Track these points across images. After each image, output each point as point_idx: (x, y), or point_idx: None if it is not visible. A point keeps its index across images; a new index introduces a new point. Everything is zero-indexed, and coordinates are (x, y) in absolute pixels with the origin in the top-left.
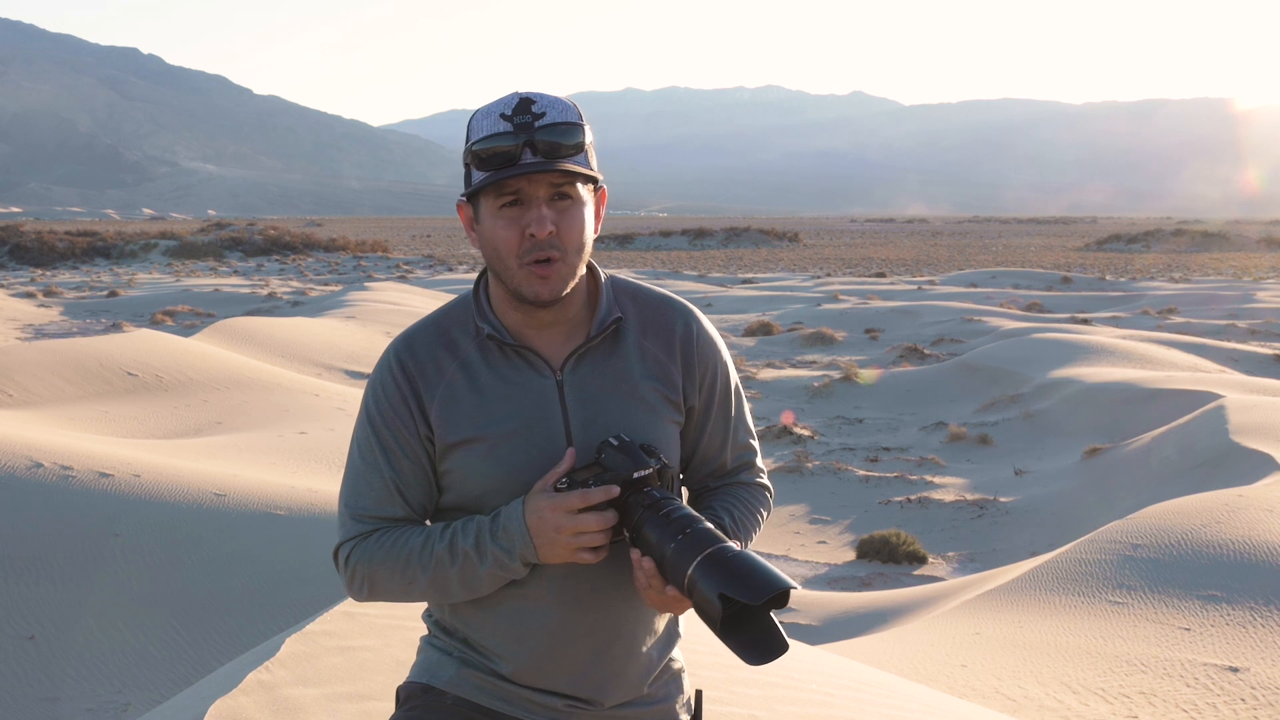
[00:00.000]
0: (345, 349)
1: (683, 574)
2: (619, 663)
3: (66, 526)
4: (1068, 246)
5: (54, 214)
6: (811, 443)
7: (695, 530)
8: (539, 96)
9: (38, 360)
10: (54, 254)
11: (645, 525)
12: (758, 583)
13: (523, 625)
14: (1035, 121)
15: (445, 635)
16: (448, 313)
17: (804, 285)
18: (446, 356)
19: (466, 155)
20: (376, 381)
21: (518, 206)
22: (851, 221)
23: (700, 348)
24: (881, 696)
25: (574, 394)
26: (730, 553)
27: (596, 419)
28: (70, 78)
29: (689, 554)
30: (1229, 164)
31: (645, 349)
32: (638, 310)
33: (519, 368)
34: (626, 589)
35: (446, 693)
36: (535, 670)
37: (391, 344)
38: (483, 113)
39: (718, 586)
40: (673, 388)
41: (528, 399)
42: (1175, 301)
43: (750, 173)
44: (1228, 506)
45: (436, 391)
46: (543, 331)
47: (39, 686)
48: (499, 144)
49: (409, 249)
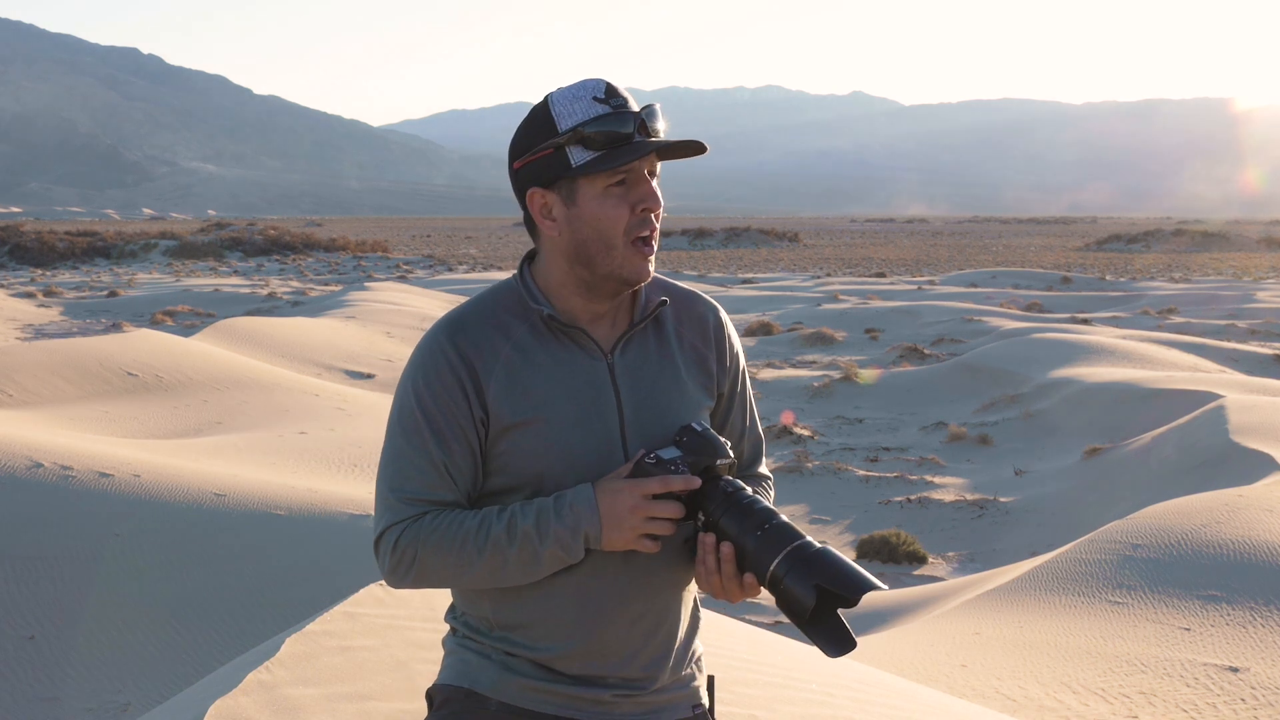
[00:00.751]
0: (345, 349)
1: (766, 566)
2: (665, 646)
3: (66, 526)
4: (1068, 246)
5: (54, 214)
6: (811, 443)
7: (777, 524)
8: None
9: (38, 360)
10: (54, 254)
11: (724, 516)
12: (856, 579)
13: (578, 609)
14: (1035, 121)
15: (482, 636)
16: (494, 297)
17: (804, 285)
18: (499, 337)
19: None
20: (426, 363)
21: (623, 185)
22: (851, 221)
23: (729, 337)
24: (881, 696)
25: (625, 377)
26: (814, 548)
27: (646, 402)
28: (70, 78)
29: (774, 547)
30: (1229, 164)
31: (684, 336)
32: (673, 301)
33: (571, 350)
34: (674, 574)
35: (489, 698)
36: (588, 654)
37: (438, 326)
38: (569, 98)
39: (814, 578)
40: (708, 375)
41: (582, 380)
42: (1175, 301)
43: (750, 173)
44: (1228, 506)
45: (493, 372)
46: (594, 318)
47: (39, 686)
48: (614, 126)
49: (409, 249)
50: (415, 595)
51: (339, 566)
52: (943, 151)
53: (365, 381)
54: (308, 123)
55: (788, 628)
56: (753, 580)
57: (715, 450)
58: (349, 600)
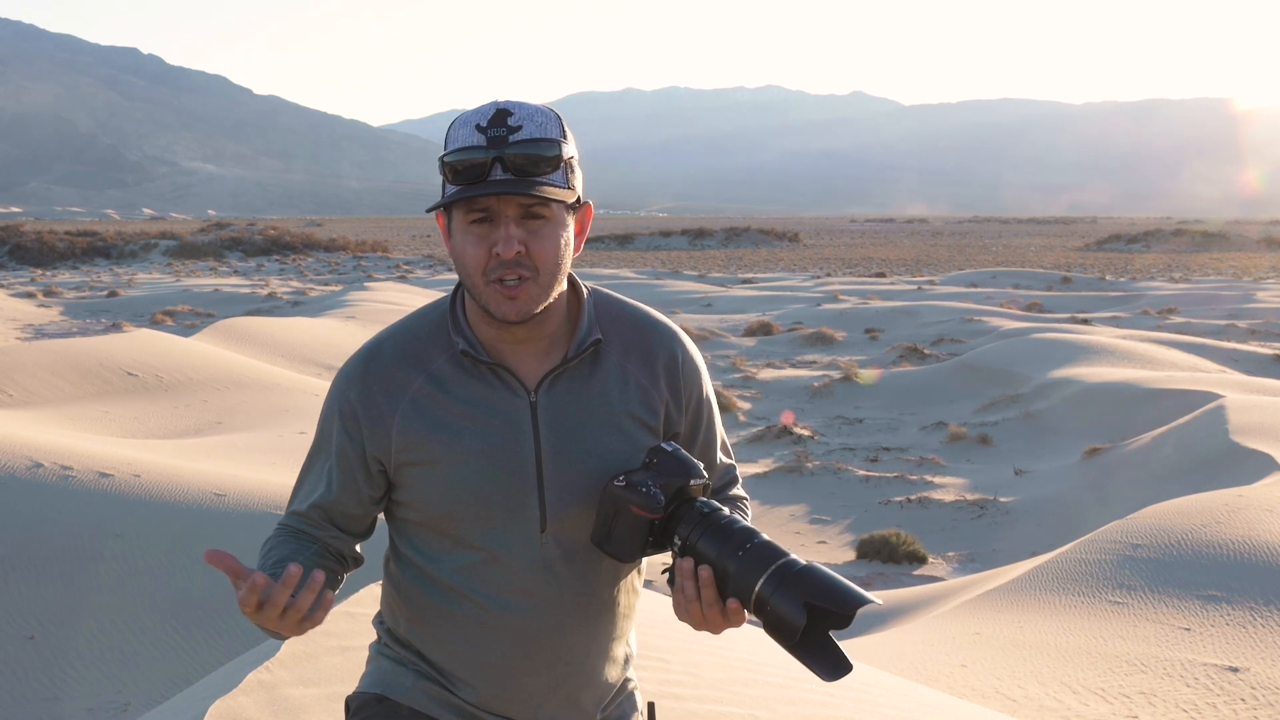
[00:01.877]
0: (345, 349)
1: (750, 588)
2: (576, 692)
3: (66, 526)
4: (1068, 246)
5: (54, 214)
6: (811, 443)
7: (759, 543)
8: (518, 107)
9: (38, 360)
10: (54, 254)
11: (701, 538)
12: (848, 594)
13: (480, 652)
14: (1035, 121)
15: (400, 646)
16: (422, 321)
17: (804, 285)
18: (413, 371)
19: (440, 165)
20: (332, 397)
21: (487, 224)
22: (851, 221)
23: (685, 373)
24: (881, 696)
25: (547, 416)
26: (800, 565)
27: (569, 443)
28: (70, 78)
29: (757, 567)
30: (1229, 164)
31: (628, 372)
32: (621, 331)
33: (492, 386)
34: (590, 621)
35: (402, 705)
36: (491, 698)
37: (357, 354)
38: (460, 121)
39: (804, 596)
40: (653, 413)
41: (498, 419)
42: (1175, 301)
43: (750, 173)
44: (1228, 506)
45: (399, 408)
46: (519, 348)
47: (39, 686)
48: (469, 157)
49: (409, 249)
50: None
51: None
52: (943, 151)
53: None
54: (308, 123)
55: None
56: (736, 606)
57: (687, 471)
58: (349, 600)
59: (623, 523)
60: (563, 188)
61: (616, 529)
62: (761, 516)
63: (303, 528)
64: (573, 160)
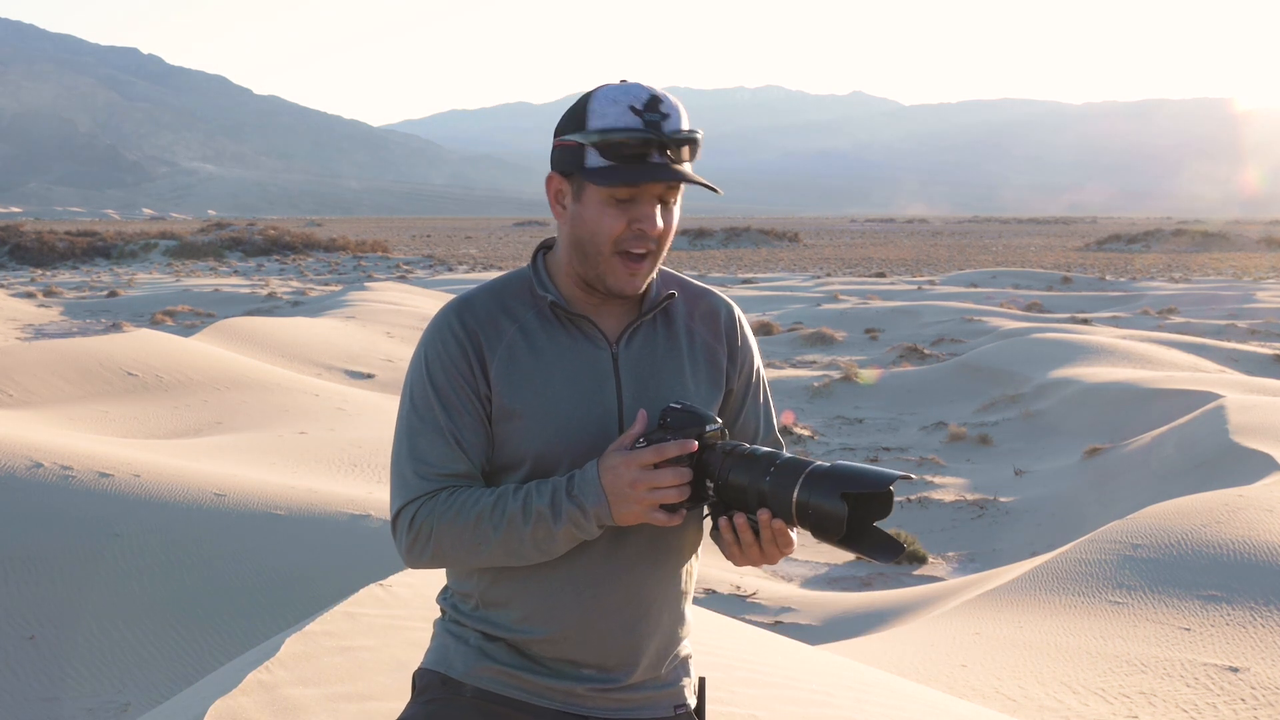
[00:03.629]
0: (345, 349)
1: (789, 501)
2: (646, 638)
3: (66, 526)
4: (1068, 246)
5: (54, 214)
6: (811, 443)
7: (784, 459)
8: (664, 96)
9: (38, 360)
10: (54, 254)
11: (731, 471)
12: (878, 475)
13: (559, 594)
14: (1035, 121)
15: (464, 617)
16: (505, 283)
17: (804, 285)
18: (505, 319)
19: (584, 136)
20: (434, 339)
21: (629, 201)
22: (851, 221)
23: (744, 334)
24: (881, 696)
25: (628, 367)
26: (825, 466)
27: (647, 392)
28: (70, 78)
29: (789, 479)
30: (1229, 164)
31: (694, 330)
32: (686, 295)
33: (576, 338)
34: (660, 565)
35: (465, 684)
36: (566, 641)
37: (447, 306)
38: (608, 99)
39: (839, 487)
40: (718, 368)
41: (584, 368)
42: (1175, 301)
43: (750, 173)
44: (1228, 506)
45: (497, 351)
46: (600, 306)
47: (39, 686)
48: (632, 137)
49: (409, 249)
50: (415, 596)
51: (339, 566)
52: (943, 151)
53: (365, 381)
54: (308, 123)
55: (788, 627)
56: (781, 526)
57: (701, 420)
58: (349, 600)
59: None
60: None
61: None
62: None
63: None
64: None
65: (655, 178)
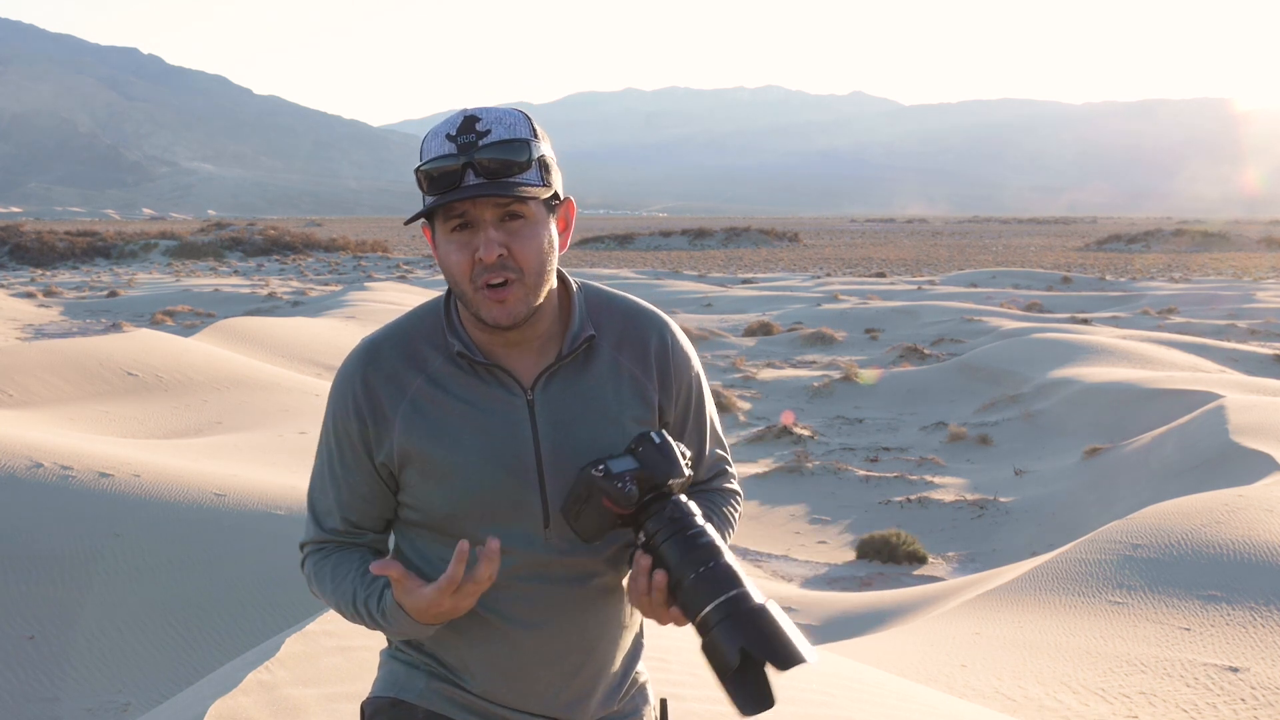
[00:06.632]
0: (345, 349)
1: (698, 609)
2: (590, 683)
3: (66, 526)
4: (1068, 246)
5: (54, 214)
6: (811, 443)
7: (718, 565)
8: (485, 113)
9: (38, 360)
10: (54, 254)
11: (665, 542)
12: (787, 651)
13: (492, 647)
14: (1035, 121)
15: (411, 649)
16: (417, 323)
17: (804, 285)
18: (411, 371)
19: (416, 177)
20: (337, 397)
21: (467, 230)
22: (851, 221)
23: (675, 360)
24: (881, 696)
25: (545, 414)
26: (752, 604)
27: (567, 440)
28: (70, 78)
29: (711, 591)
30: (1229, 164)
31: (621, 364)
32: (613, 324)
33: (489, 385)
34: (598, 609)
35: (417, 706)
36: (506, 692)
37: (355, 353)
38: (431, 133)
39: (741, 640)
40: (648, 406)
41: (497, 419)
42: (1175, 301)
43: (750, 173)
44: (1228, 506)
45: (399, 408)
46: (512, 350)
47: (39, 686)
48: (441, 165)
49: (409, 249)
50: None
51: None
52: (943, 151)
53: None
54: (308, 123)
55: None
56: (679, 614)
57: (670, 467)
58: None
59: (592, 509)
60: (537, 186)
61: (585, 512)
62: (761, 516)
63: (343, 542)
64: (546, 158)
65: (453, 198)
